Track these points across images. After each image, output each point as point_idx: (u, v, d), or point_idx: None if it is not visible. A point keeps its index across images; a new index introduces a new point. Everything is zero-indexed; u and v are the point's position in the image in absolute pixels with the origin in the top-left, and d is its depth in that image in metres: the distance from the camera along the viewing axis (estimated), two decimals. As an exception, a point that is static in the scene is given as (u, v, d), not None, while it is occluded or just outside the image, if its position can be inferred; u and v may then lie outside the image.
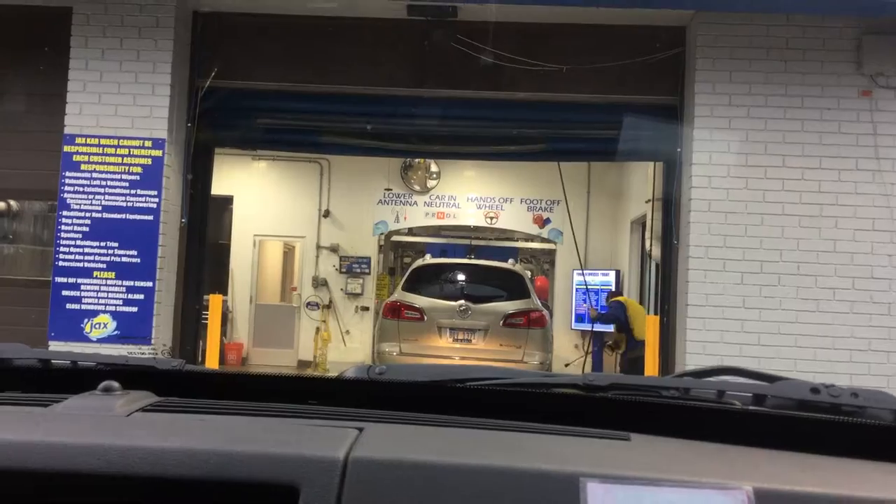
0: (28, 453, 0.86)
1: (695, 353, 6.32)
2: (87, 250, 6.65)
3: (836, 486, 0.87)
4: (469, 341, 8.92)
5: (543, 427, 1.02)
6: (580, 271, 12.15)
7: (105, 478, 0.85)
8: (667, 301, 7.02)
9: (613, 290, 11.39)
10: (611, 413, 1.13)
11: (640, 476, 0.85)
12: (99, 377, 1.10)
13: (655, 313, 7.57)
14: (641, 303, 11.05)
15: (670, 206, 6.90)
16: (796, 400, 1.14)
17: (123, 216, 6.64)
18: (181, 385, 1.19)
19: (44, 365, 1.28)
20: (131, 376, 1.16)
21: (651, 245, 9.25)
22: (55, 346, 6.56)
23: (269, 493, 0.83)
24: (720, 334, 6.32)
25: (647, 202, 9.40)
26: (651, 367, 6.81)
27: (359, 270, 13.04)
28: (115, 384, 1.05)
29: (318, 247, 13.09)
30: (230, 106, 7.22)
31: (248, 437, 0.91)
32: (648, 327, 7.09)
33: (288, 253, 13.92)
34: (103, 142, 6.66)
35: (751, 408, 1.16)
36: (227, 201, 12.61)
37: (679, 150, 6.72)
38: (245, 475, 0.83)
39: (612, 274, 12.22)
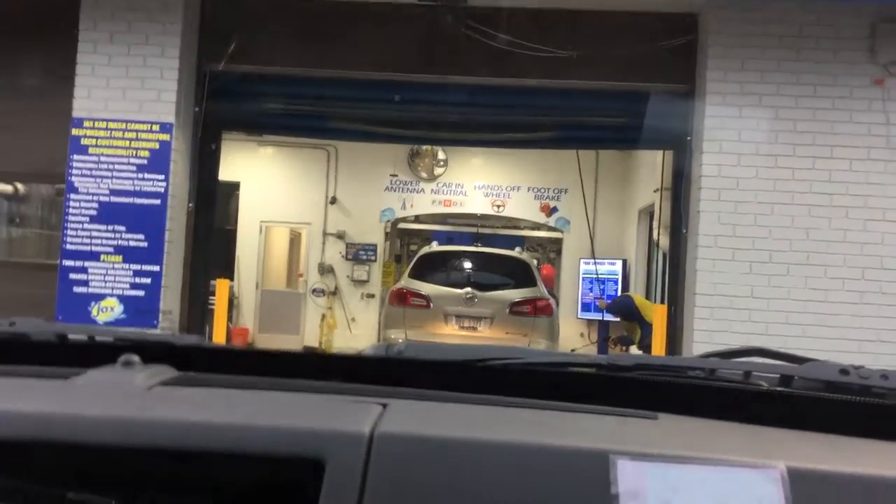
0: (49, 425, 0.85)
1: (702, 343, 6.30)
2: (94, 234, 6.64)
3: (867, 466, 0.86)
4: (475, 329, 8.92)
5: (570, 405, 1.01)
6: (587, 260, 12.14)
7: (125, 450, 0.84)
8: (674, 290, 6.99)
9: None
10: (635, 393, 1.12)
11: (671, 454, 0.84)
12: (117, 352, 1.09)
13: (663, 302, 7.55)
14: (648, 292, 11.05)
15: (680, 194, 6.86)
16: (825, 381, 1.13)
17: (131, 200, 6.63)
18: (199, 361, 1.17)
19: (61, 340, 1.27)
20: (149, 352, 1.14)
21: (659, 234, 9.23)
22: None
23: (293, 468, 0.82)
24: (728, 324, 6.29)
25: (655, 191, 9.37)
26: (658, 356, 6.80)
27: (365, 257, 13.04)
28: (136, 357, 1.04)
29: (325, 233, 13.08)
30: (238, 90, 7.19)
31: (273, 411, 0.90)
32: (656, 317, 7.07)
33: (294, 239, 13.92)
34: (111, 125, 6.65)
35: (778, 389, 1.14)
36: (233, 187, 12.60)
37: (689, 138, 6.68)
38: (270, 448, 0.82)
39: (619, 263, 12.20)
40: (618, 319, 10.56)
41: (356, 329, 12.86)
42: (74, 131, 6.66)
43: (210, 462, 0.83)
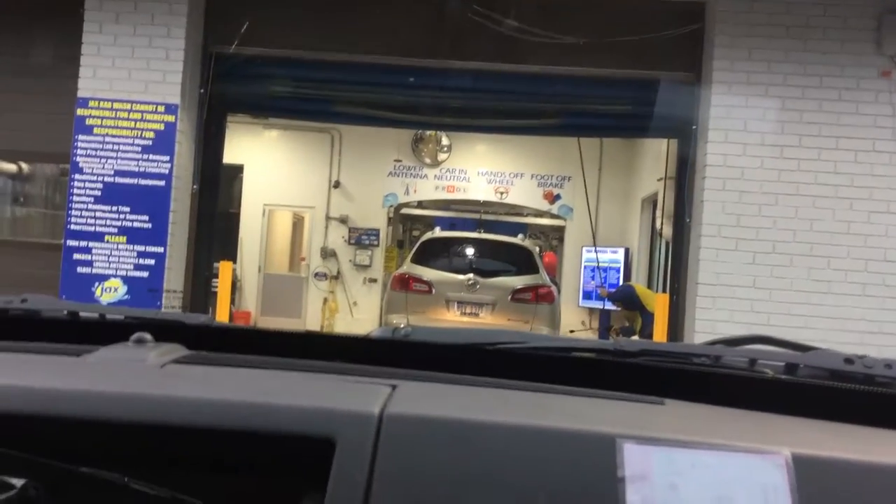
0: (63, 401, 0.86)
1: (703, 332, 6.31)
2: (98, 214, 6.65)
3: (872, 454, 0.87)
4: (477, 315, 8.93)
5: (577, 389, 1.02)
6: (589, 248, 12.14)
7: (139, 426, 0.85)
8: (677, 279, 7.00)
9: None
10: (641, 379, 1.13)
11: (677, 438, 0.85)
12: (127, 331, 1.10)
13: (665, 291, 7.56)
14: (650, 281, 11.06)
15: (684, 183, 6.86)
16: (829, 370, 1.13)
17: (135, 181, 6.64)
18: (209, 340, 1.18)
19: (73, 317, 1.28)
20: (159, 330, 1.15)
21: (662, 223, 9.22)
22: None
23: (304, 446, 0.83)
24: (729, 314, 6.31)
25: (658, 180, 9.36)
26: (659, 344, 6.81)
27: (367, 242, 13.05)
28: (148, 335, 1.05)
29: (328, 217, 13.09)
30: (243, 73, 7.17)
31: (284, 390, 0.91)
32: (658, 305, 7.08)
33: (297, 223, 13.92)
34: (116, 105, 6.64)
35: (783, 377, 1.15)
36: (237, 170, 12.60)
37: (695, 126, 6.67)
38: (282, 427, 0.83)
39: (621, 252, 12.20)
40: (619, 308, 10.57)
41: (358, 313, 12.88)
42: (79, 111, 6.65)
43: (220, 439, 0.84)
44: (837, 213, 6.29)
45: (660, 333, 6.86)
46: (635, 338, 9.71)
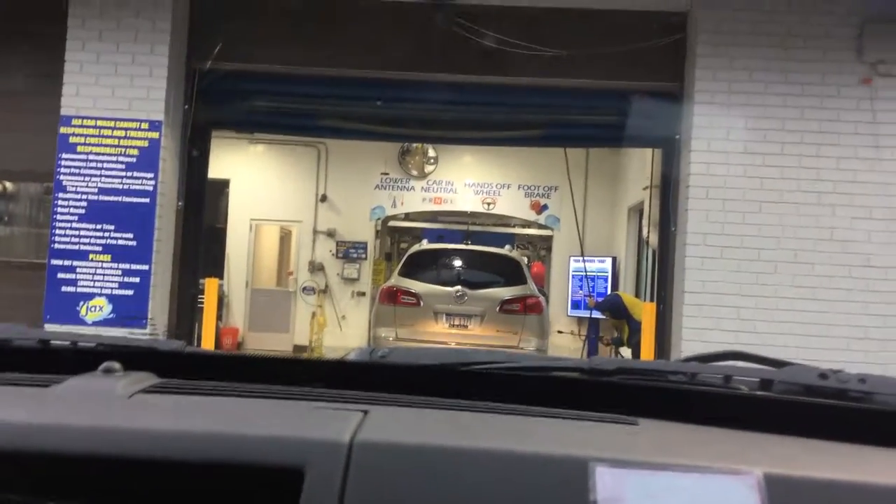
0: (28, 435, 0.85)
1: (690, 340, 6.33)
2: (82, 233, 6.61)
3: (845, 471, 0.87)
4: (465, 327, 8.93)
5: (551, 411, 1.01)
6: (577, 258, 12.16)
7: (106, 460, 0.84)
8: (663, 288, 7.01)
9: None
10: (617, 397, 1.12)
11: (650, 461, 0.84)
12: (99, 358, 1.09)
13: (652, 300, 7.57)
14: (638, 290, 11.08)
15: (668, 192, 6.89)
16: (804, 385, 1.13)
17: (120, 199, 6.61)
18: (182, 367, 1.17)
19: (44, 345, 1.27)
20: (132, 358, 1.14)
21: (648, 232, 9.25)
22: (51, 328, 6.54)
23: (273, 476, 0.82)
24: (716, 321, 6.32)
25: (644, 189, 9.40)
26: (647, 354, 6.82)
27: (355, 255, 13.03)
28: (117, 365, 1.03)
29: (315, 231, 13.07)
30: (228, 88, 7.17)
31: (252, 419, 0.90)
32: (645, 314, 7.10)
33: (284, 237, 13.89)
34: (100, 123, 6.62)
35: (758, 393, 1.15)
36: (223, 185, 12.57)
37: (678, 136, 6.70)
38: (249, 457, 0.82)
39: (609, 261, 12.22)
40: (606, 317, 10.59)
41: (347, 327, 12.85)
42: (63, 129, 6.63)
43: (188, 470, 0.83)
44: (821, 220, 6.32)
45: (647, 342, 6.87)
46: (623, 348, 9.74)
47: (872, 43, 6.31)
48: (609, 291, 11.46)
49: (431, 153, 13.02)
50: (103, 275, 6.59)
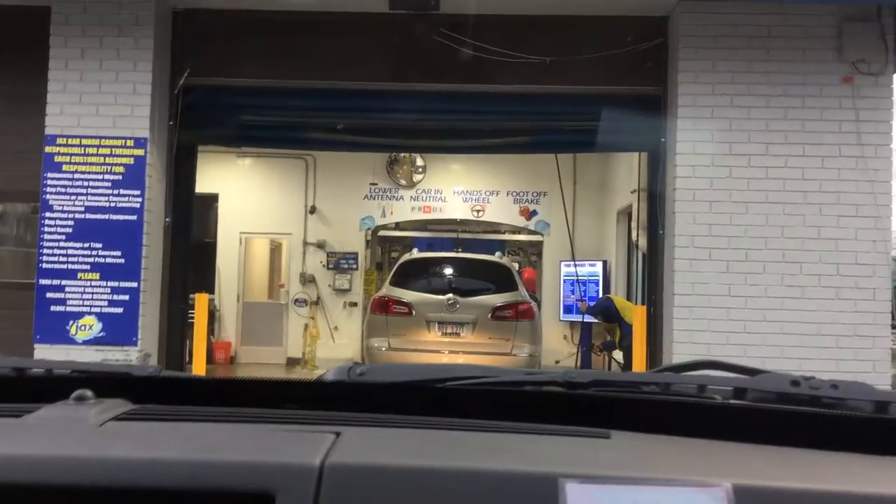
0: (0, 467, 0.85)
1: (682, 342, 6.35)
2: (70, 252, 6.59)
3: (815, 480, 0.87)
4: (458, 335, 8.92)
5: (523, 426, 1.02)
6: (567, 262, 12.18)
7: (78, 490, 0.84)
8: (653, 291, 7.04)
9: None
10: (592, 410, 1.13)
11: (620, 475, 0.85)
12: (74, 385, 1.08)
13: (642, 303, 7.59)
14: (629, 293, 11.10)
15: (655, 196, 6.92)
16: (777, 393, 1.14)
17: (107, 217, 6.59)
18: (158, 392, 1.17)
19: (18, 373, 1.27)
20: (108, 384, 1.14)
21: (637, 235, 9.28)
22: (41, 348, 6.52)
23: (245, 501, 0.82)
24: (707, 323, 6.34)
25: (632, 192, 9.43)
26: (639, 356, 6.84)
27: (346, 266, 13.02)
28: (89, 393, 1.03)
29: (305, 243, 13.05)
30: (212, 103, 7.17)
31: (223, 445, 0.90)
32: (636, 317, 7.11)
33: (275, 250, 13.87)
34: (85, 142, 6.61)
35: (731, 402, 1.16)
36: (212, 199, 12.54)
37: (663, 139, 6.73)
38: (219, 484, 0.82)
39: (600, 265, 12.25)
40: (598, 321, 10.61)
41: (339, 338, 12.83)
42: (48, 149, 6.61)
43: (161, 498, 0.83)
44: (807, 219, 6.35)
45: (638, 345, 6.88)
46: (616, 351, 9.75)
47: (852, 42, 6.36)
48: (601, 295, 11.48)
49: (420, 162, 13.04)
50: (92, 293, 6.57)
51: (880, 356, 6.29)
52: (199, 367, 7.16)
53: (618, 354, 9.95)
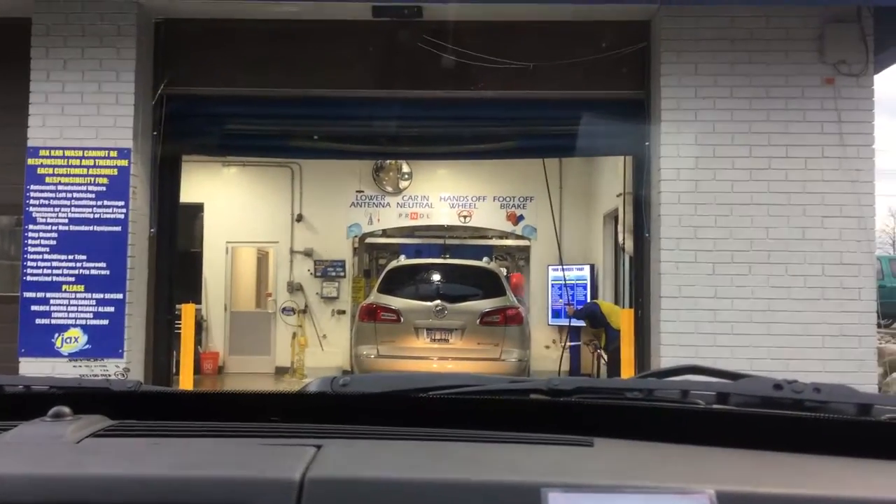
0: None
1: (669, 345, 6.36)
2: (55, 264, 6.55)
3: (799, 485, 0.87)
4: (446, 341, 8.92)
5: (506, 436, 1.01)
6: (555, 267, 12.19)
7: None
8: (640, 294, 7.05)
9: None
10: (576, 417, 1.12)
11: (602, 483, 0.84)
12: (53, 401, 1.07)
13: (630, 306, 7.60)
14: (616, 296, 11.11)
15: (641, 199, 6.93)
16: (759, 397, 1.14)
17: (91, 228, 6.55)
18: (138, 407, 1.16)
19: (-4, 391, 1.25)
20: (87, 399, 1.13)
21: (624, 238, 9.29)
22: (26, 362, 6.45)
23: None
24: (694, 325, 6.36)
25: (618, 196, 9.45)
26: (627, 360, 6.85)
27: (334, 274, 12.98)
28: (66, 409, 1.02)
29: (292, 251, 13.01)
30: (196, 113, 7.14)
31: (202, 460, 0.89)
32: (623, 321, 7.12)
33: (262, 259, 13.83)
34: (68, 153, 6.56)
35: (714, 406, 1.16)
36: (197, 209, 12.49)
37: (647, 143, 6.75)
38: (199, 500, 0.81)
39: (587, 269, 12.26)
40: (586, 324, 10.62)
41: (328, 346, 12.79)
42: (30, 161, 6.56)
43: None
44: (792, 220, 6.39)
45: (626, 348, 6.89)
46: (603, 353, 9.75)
47: (833, 44, 6.41)
48: (588, 299, 11.49)
49: (406, 169, 13.03)
50: (77, 305, 6.52)
51: (866, 355, 6.33)
52: (186, 378, 7.12)
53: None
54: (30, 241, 6.55)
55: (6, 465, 0.87)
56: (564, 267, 11.70)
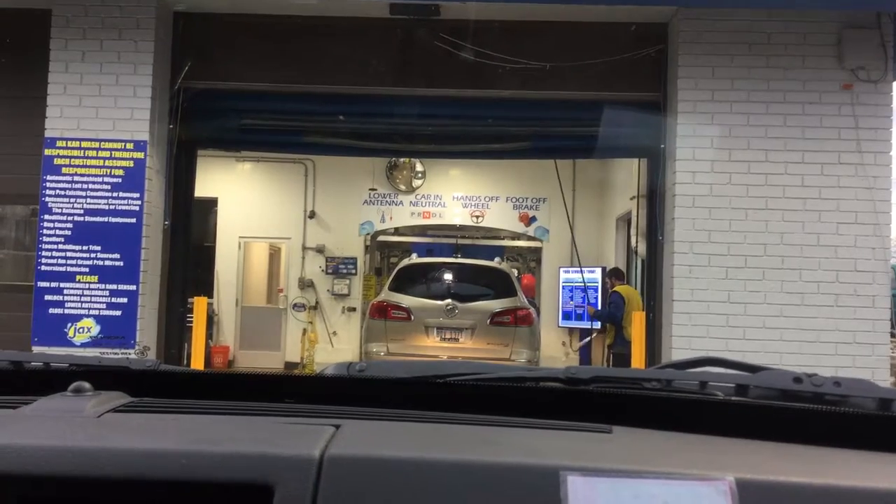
0: (-4, 456, 0.84)
1: (680, 349, 6.33)
2: (69, 254, 6.59)
3: (817, 475, 0.86)
4: (456, 340, 8.91)
5: (524, 421, 1.01)
6: (566, 268, 12.16)
7: (75, 480, 0.83)
8: (652, 297, 7.03)
9: (612, 269, 10.78)
10: (593, 406, 1.12)
11: (621, 468, 0.84)
12: (73, 378, 1.08)
13: (642, 309, 7.58)
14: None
15: (655, 202, 6.91)
16: (779, 389, 1.13)
17: (106, 219, 6.59)
18: (156, 385, 1.16)
19: (16, 367, 1.26)
20: (107, 377, 1.13)
21: (637, 241, 9.26)
22: (38, 351, 6.50)
23: (244, 493, 0.82)
24: (706, 329, 6.33)
25: (631, 199, 9.42)
26: (638, 362, 6.82)
27: (345, 271, 12.99)
28: (87, 385, 1.03)
29: (304, 248, 13.04)
30: (212, 107, 7.18)
31: (221, 436, 0.89)
32: (635, 324, 7.09)
33: (274, 254, 13.85)
34: (84, 144, 6.61)
35: (733, 398, 1.15)
36: (211, 203, 12.54)
37: (662, 146, 6.73)
38: (218, 475, 0.81)
39: (599, 271, 12.22)
40: (598, 326, 10.54)
41: (338, 343, 12.80)
42: (47, 151, 6.61)
43: (158, 490, 0.83)
44: (807, 226, 6.35)
45: (637, 351, 6.87)
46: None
47: (851, 49, 6.37)
48: (599, 302, 11.43)
49: (419, 167, 13.04)
50: (91, 296, 6.56)
51: (879, 364, 6.29)
52: (196, 371, 7.13)
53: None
54: (45, 231, 6.60)
55: (27, 437, 0.88)
56: (573, 269, 11.66)
